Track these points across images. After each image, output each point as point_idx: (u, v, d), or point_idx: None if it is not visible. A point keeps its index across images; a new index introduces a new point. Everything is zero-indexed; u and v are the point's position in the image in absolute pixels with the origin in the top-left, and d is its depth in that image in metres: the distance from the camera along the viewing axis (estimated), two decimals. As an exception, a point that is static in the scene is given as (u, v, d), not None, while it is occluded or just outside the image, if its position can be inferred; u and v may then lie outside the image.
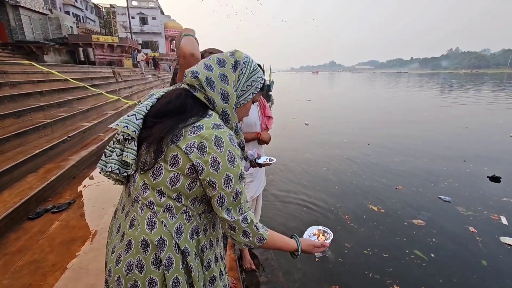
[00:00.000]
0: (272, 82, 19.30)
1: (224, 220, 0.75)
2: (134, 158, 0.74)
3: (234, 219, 0.74)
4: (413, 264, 2.51)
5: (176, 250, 0.74)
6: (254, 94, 0.84)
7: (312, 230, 1.03)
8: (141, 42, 30.41)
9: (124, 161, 0.74)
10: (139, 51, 21.54)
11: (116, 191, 3.02)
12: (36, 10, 16.23)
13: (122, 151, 0.75)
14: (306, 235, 1.00)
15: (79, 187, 3.19)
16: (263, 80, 0.86)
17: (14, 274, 1.81)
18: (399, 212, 3.42)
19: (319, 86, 36.19)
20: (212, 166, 0.69)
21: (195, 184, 0.73)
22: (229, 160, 0.70)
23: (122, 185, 0.83)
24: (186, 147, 0.69)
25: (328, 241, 0.97)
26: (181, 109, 0.74)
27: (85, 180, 3.40)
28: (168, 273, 0.73)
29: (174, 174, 0.71)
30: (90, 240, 2.20)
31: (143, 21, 33.03)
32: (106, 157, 0.77)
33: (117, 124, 0.73)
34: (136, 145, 0.74)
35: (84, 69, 11.50)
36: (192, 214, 0.77)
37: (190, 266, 0.75)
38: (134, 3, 32.13)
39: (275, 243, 0.84)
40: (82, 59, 17.98)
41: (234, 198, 0.73)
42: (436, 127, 8.55)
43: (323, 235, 1.01)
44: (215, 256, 0.85)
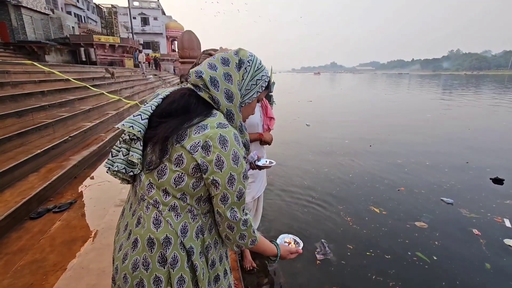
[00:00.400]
0: (273, 83, 19.25)
1: (225, 219, 0.75)
2: (140, 158, 0.75)
3: (236, 220, 0.75)
4: (415, 266, 2.50)
5: (181, 248, 0.74)
6: (259, 93, 0.83)
7: (283, 238, 1.07)
8: (142, 43, 30.45)
9: (130, 160, 0.75)
10: (140, 52, 21.58)
11: (117, 191, 3.01)
12: (38, 10, 16.28)
13: (128, 151, 0.76)
14: (278, 241, 1.02)
15: (80, 187, 3.18)
16: (268, 78, 0.85)
17: (16, 273, 1.80)
18: (402, 214, 3.40)
19: (320, 87, 36.18)
20: (216, 165, 0.69)
21: (200, 183, 0.73)
22: (233, 159, 0.71)
23: (129, 184, 0.83)
24: (191, 147, 0.69)
25: (300, 247, 1.02)
26: (185, 108, 0.74)
27: (86, 180, 3.40)
28: (173, 271, 0.73)
29: (179, 174, 0.71)
30: (91, 240, 2.19)
31: (145, 21, 33.06)
32: (112, 156, 0.78)
33: (123, 124, 0.73)
34: (141, 145, 0.75)
35: (85, 69, 11.52)
36: (197, 213, 0.77)
37: (195, 265, 0.75)
38: (136, 4, 32.17)
39: (261, 246, 0.87)
40: (84, 59, 18.02)
41: (238, 197, 0.74)
42: (438, 129, 8.53)
43: (294, 244, 1.05)
44: (220, 255, 0.85)
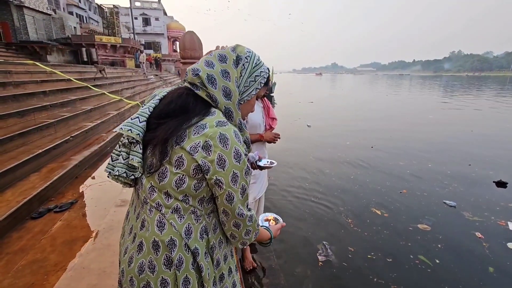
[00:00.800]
0: (274, 84, 19.29)
1: (232, 216, 0.75)
2: (140, 161, 0.74)
3: (243, 217, 0.75)
4: (417, 269, 2.48)
5: (186, 250, 0.73)
6: (258, 90, 0.82)
7: (264, 216, 1.13)
8: (143, 43, 30.51)
9: (130, 164, 0.74)
10: (141, 52, 21.63)
11: (118, 191, 3.02)
12: (40, 10, 16.33)
13: (128, 155, 0.75)
14: (260, 222, 1.08)
15: (81, 187, 3.19)
16: (267, 74, 0.84)
17: (17, 273, 1.80)
18: (404, 216, 3.38)
19: (322, 87, 36.18)
20: (218, 164, 0.68)
21: (201, 184, 0.72)
22: (235, 157, 0.70)
23: (131, 187, 0.82)
24: (191, 148, 0.68)
25: (281, 222, 1.09)
26: (183, 108, 0.73)
27: (87, 180, 3.40)
28: (179, 272, 0.73)
29: (180, 176, 0.70)
30: (92, 240, 2.19)
31: (146, 21, 33.12)
32: (113, 161, 0.76)
33: (121, 128, 0.72)
34: (141, 148, 0.74)
35: (87, 69, 11.55)
36: (200, 214, 0.77)
37: (201, 266, 0.75)
38: (137, 4, 32.23)
39: (260, 236, 0.91)
40: (85, 59, 18.07)
41: (242, 194, 0.74)
42: (440, 130, 8.48)
43: (274, 221, 1.12)
44: (225, 254, 0.85)
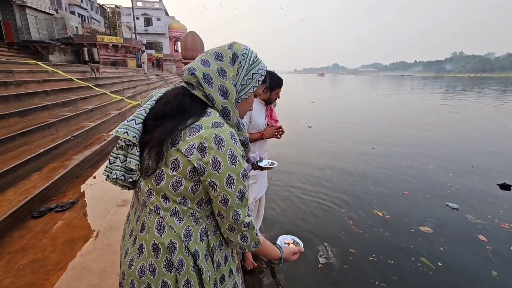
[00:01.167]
0: None
1: (226, 220, 0.73)
2: (137, 164, 0.72)
3: (238, 222, 0.73)
4: (420, 272, 2.46)
5: (186, 252, 0.73)
6: (256, 88, 0.80)
7: (283, 239, 1.04)
8: (145, 43, 30.57)
9: (128, 167, 0.73)
10: (143, 52, 21.67)
11: (118, 191, 3.02)
12: (42, 10, 16.38)
13: (126, 157, 0.73)
14: (278, 243, 0.99)
15: (83, 187, 3.19)
16: (265, 72, 0.81)
17: (18, 272, 1.81)
18: (405, 218, 3.35)
19: (323, 88, 36.13)
20: (213, 166, 0.67)
21: (199, 187, 0.71)
22: (230, 159, 0.68)
23: (130, 190, 0.82)
24: (186, 150, 0.66)
25: (300, 247, 1.00)
26: (179, 109, 0.71)
27: (88, 179, 3.41)
28: (179, 275, 0.72)
29: (176, 179, 0.69)
30: (93, 239, 2.20)
31: (148, 21, 33.18)
32: (110, 163, 0.75)
33: (117, 130, 0.71)
34: (138, 150, 0.72)
35: (88, 68, 11.56)
36: (200, 216, 0.76)
37: (201, 268, 0.75)
38: (139, 4, 32.31)
39: (265, 249, 0.86)
40: (87, 59, 18.13)
41: (239, 198, 0.71)
42: (442, 132, 8.42)
43: (293, 244, 1.03)
44: (225, 255, 0.84)
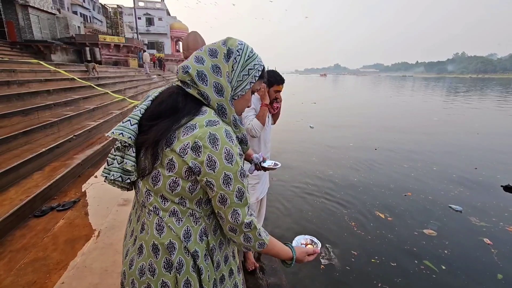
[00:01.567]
0: None
1: (226, 221, 0.72)
2: (134, 165, 0.72)
3: (237, 222, 0.71)
4: (423, 275, 2.44)
5: (186, 253, 0.73)
6: (253, 83, 0.77)
7: (300, 239, 1.01)
8: (147, 43, 30.61)
9: (125, 168, 0.73)
10: (144, 51, 21.70)
11: (120, 191, 3.00)
12: (44, 9, 16.41)
13: (123, 158, 0.73)
14: (294, 244, 0.96)
15: (84, 186, 3.20)
16: (262, 67, 0.78)
17: (19, 271, 1.81)
18: (408, 221, 3.33)
19: (324, 88, 36.06)
20: (208, 166, 0.65)
21: (196, 186, 0.70)
22: (226, 158, 0.66)
23: (129, 191, 0.82)
24: (180, 150, 0.66)
25: (317, 248, 0.95)
26: (173, 108, 0.70)
27: (90, 179, 3.41)
28: (179, 275, 0.72)
29: (173, 179, 0.68)
30: (94, 239, 2.20)
31: (149, 21, 33.22)
32: (108, 165, 0.75)
33: (112, 132, 0.71)
34: (134, 151, 0.72)
35: (89, 68, 11.57)
36: (199, 216, 0.75)
37: (201, 268, 0.74)
38: (141, 4, 32.36)
39: (274, 249, 0.82)
40: (89, 59, 18.12)
41: (238, 197, 0.70)
42: (445, 133, 8.37)
43: (311, 245, 0.98)
44: (225, 255, 0.83)
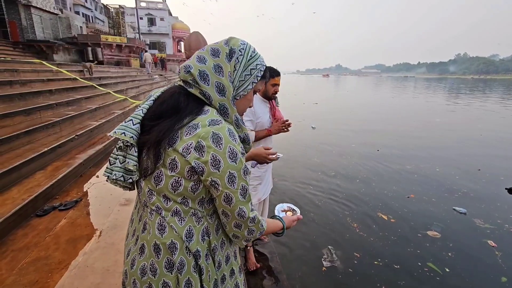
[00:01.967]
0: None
1: (232, 218, 0.73)
2: (136, 165, 0.72)
3: (244, 218, 0.72)
4: (426, 277, 2.42)
5: (187, 253, 0.73)
6: (255, 84, 0.77)
7: (280, 208, 1.14)
8: (148, 43, 30.68)
9: (127, 168, 0.73)
10: (146, 51, 21.75)
11: (121, 190, 3.00)
12: (47, 10, 16.47)
13: (125, 158, 0.73)
14: (276, 212, 1.09)
15: (86, 186, 3.21)
16: (264, 67, 0.78)
17: (21, 270, 1.82)
18: (412, 222, 3.29)
19: (326, 89, 36.02)
20: (212, 165, 0.65)
21: (199, 186, 0.70)
22: (230, 157, 0.67)
23: (131, 191, 0.82)
24: (183, 149, 0.65)
25: (298, 214, 1.07)
26: (175, 108, 0.70)
27: (91, 178, 3.42)
28: (181, 275, 0.72)
29: (175, 179, 0.68)
30: (96, 238, 2.21)
31: (151, 22, 33.30)
32: (111, 165, 0.75)
33: (114, 131, 0.71)
34: (136, 151, 0.72)
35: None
36: (202, 215, 0.75)
37: (202, 267, 0.74)
38: (143, 4, 32.44)
39: (269, 229, 0.89)
40: (91, 59, 18.18)
41: (242, 195, 0.71)
42: (447, 134, 8.31)
43: (291, 212, 1.11)
44: (227, 255, 0.84)
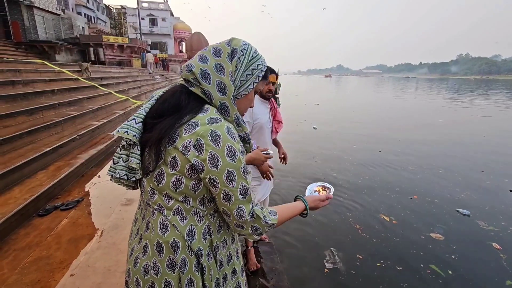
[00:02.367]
0: (279, 85, 19.24)
1: (232, 218, 0.72)
2: (139, 163, 0.73)
3: (243, 219, 0.72)
4: (430, 280, 2.39)
5: (189, 252, 0.73)
6: (256, 83, 0.78)
7: (312, 187, 1.05)
8: (150, 43, 30.74)
9: (130, 166, 0.74)
10: (148, 52, 21.79)
11: (123, 190, 3.02)
12: (49, 10, 16.55)
13: (128, 157, 0.74)
14: (307, 193, 1.01)
15: (87, 185, 3.22)
16: (265, 67, 0.79)
17: (23, 270, 1.83)
18: (414, 224, 3.27)
19: (327, 89, 35.93)
20: (211, 163, 0.66)
21: (199, 184, 0.71)
22: (228, 155, 0.67)
23: (134, 189, 0.82)
24: (183, 147, 0.66)
25: (330, 193, 0.99)
26: (176, 106, 0.71)
27: (93, 178, 3.43)
28: (183, 274, 0.73)
29: (176, 177, 0.69)
30: (97, 238, 2.21)
31: (153, 22, 33.36)
32: (114, 164, 0.76)
33: (117, 130, 0.72)
34: (139, 149, 0.73)
35: (94, 68, 11.68)
36: (203, 214, 0.76)
37: (204, 266, 0.75)
38: (145, 5, 32.51)
39: (286, 218, 0.83)
40: (93, 59, 18.26)
41: (242, 194, 0.70)
42: (451, 135, 8.22)
43: (324, 190, 1.02)
44: (229, 254, 0.84)
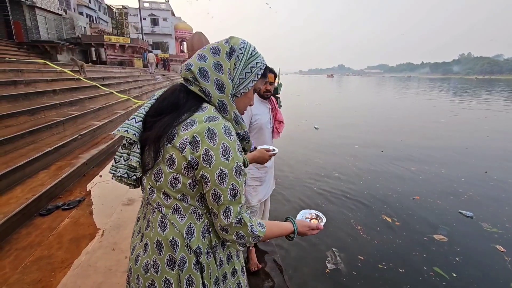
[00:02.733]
0: (280, 85, 19.23)
1: (218, 219, 0.71)
2: (139, 161, 0.74)
3: (227, 221, 0.70)
4: (432, 282, 2.37)
5: (188, 250, 0.73)
6: (255, 82, 0.78)
7: (304, 213, 1.02)
8: (151, 43, 30.78)
9: (131, 165, 0.74)
10: (150, 52, 21.82)
11: (124, 190, 3.04)
12: (51, 10, 16.59)
13: (129, 155, 0.75)
14: (299, 218, 0.98)
15: (89, 185, 3.23)
16: (264, 65, 0.79)
17: (25, 269, 1.83)
18: (417, 226, 3.24)
19: (329, 89, 35.87)
20: (204, 160, 0.66)
21: (197, 183, 0.71)
22: (222, 153, 0.67)
23: (135, 188, 0.83)
24: (180, 145, 0.67)
25: (322, 223, 0.96)
26: (175, 105, 0.72)
27: (94, 178, 3.44)
28: (182, 272, 0.73)
29: (174, 176, 0.70)
30: (98, 238, 2.22)
31: (154, 22, 33.41)
32: (116, 162, 0.77)
33: (118, 129, 0.73)
34: (139, 148, 0.74)
35: (95, 68, 11.72)
36: (202, 212, 0.76)
37: (203, 265, 0.75)
38: (146, 5, 32.56)
39: (273, 234, 0.81)
40: (94, 59, 18.31)
41: (232, 195, 0.69)
42: (453, 135, 8.18)
43: (316, 219, 0.99)
44: (228, 253, 0.84)
